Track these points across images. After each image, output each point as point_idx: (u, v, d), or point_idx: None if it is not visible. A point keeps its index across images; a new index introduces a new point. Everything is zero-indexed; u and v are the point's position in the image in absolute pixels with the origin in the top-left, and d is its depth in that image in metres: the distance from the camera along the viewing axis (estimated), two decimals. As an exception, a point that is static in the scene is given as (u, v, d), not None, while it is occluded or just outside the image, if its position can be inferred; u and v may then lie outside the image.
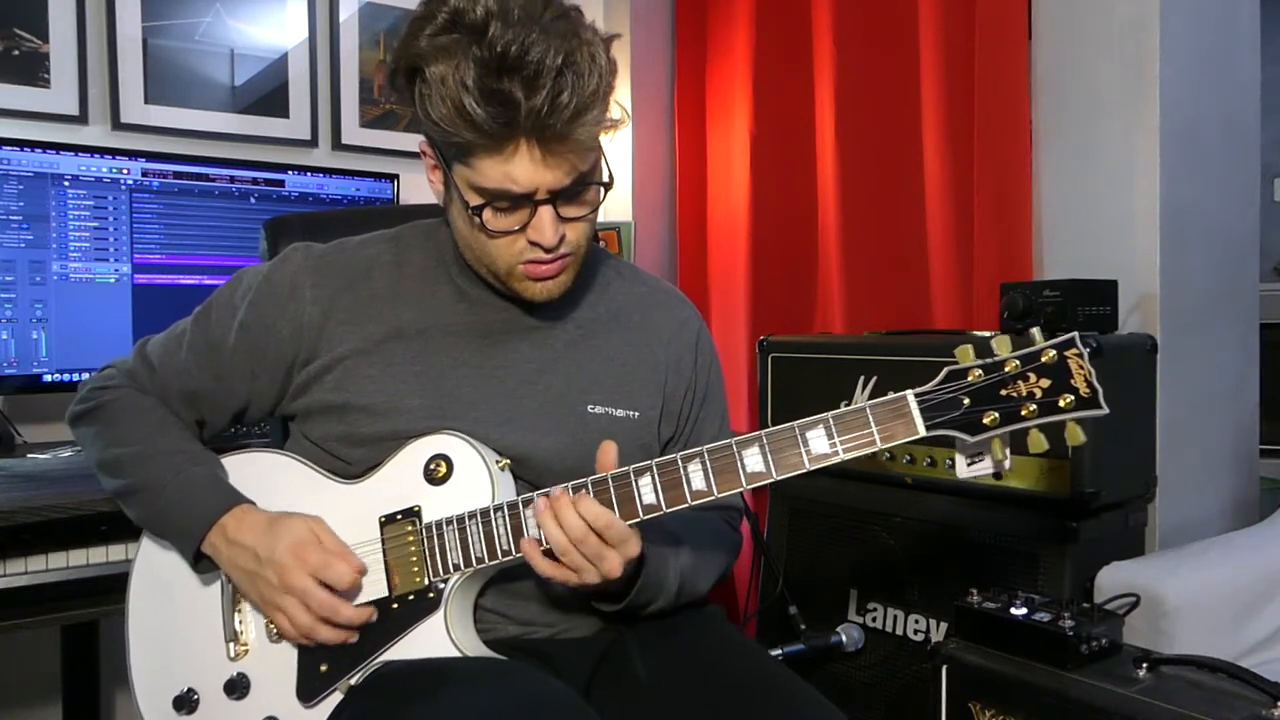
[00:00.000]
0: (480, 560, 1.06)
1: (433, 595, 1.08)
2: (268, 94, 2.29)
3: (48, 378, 1.83)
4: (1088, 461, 1.49)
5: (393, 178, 2.23)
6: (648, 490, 1.01)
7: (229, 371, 1.18)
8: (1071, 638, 1.27)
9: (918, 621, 1.71)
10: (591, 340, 1.21)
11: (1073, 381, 0.94)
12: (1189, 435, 1.78)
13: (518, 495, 1.08)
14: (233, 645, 1.14)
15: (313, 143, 2.34)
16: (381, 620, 1.08)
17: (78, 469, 1.59)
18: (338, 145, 2.38)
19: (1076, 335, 0.96)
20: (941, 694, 1.37)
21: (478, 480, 1.08)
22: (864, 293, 2.24)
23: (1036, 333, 0.96)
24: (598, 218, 1.13)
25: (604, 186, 1.09)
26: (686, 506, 1.01)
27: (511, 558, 1.05)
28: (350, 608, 1.07)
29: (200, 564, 1.14)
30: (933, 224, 2.07)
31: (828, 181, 2.27)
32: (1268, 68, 2.05)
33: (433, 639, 1.07)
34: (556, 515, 1.01)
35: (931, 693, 1.39)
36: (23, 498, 1.38)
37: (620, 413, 1.18)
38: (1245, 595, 1.53)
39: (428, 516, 1.09)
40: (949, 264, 2.04)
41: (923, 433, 0.97)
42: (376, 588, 1.09)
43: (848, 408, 0.98)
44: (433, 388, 1.14)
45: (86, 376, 1.30)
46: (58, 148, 1.84)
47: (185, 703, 1.14)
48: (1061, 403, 0.94)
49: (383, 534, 1.10)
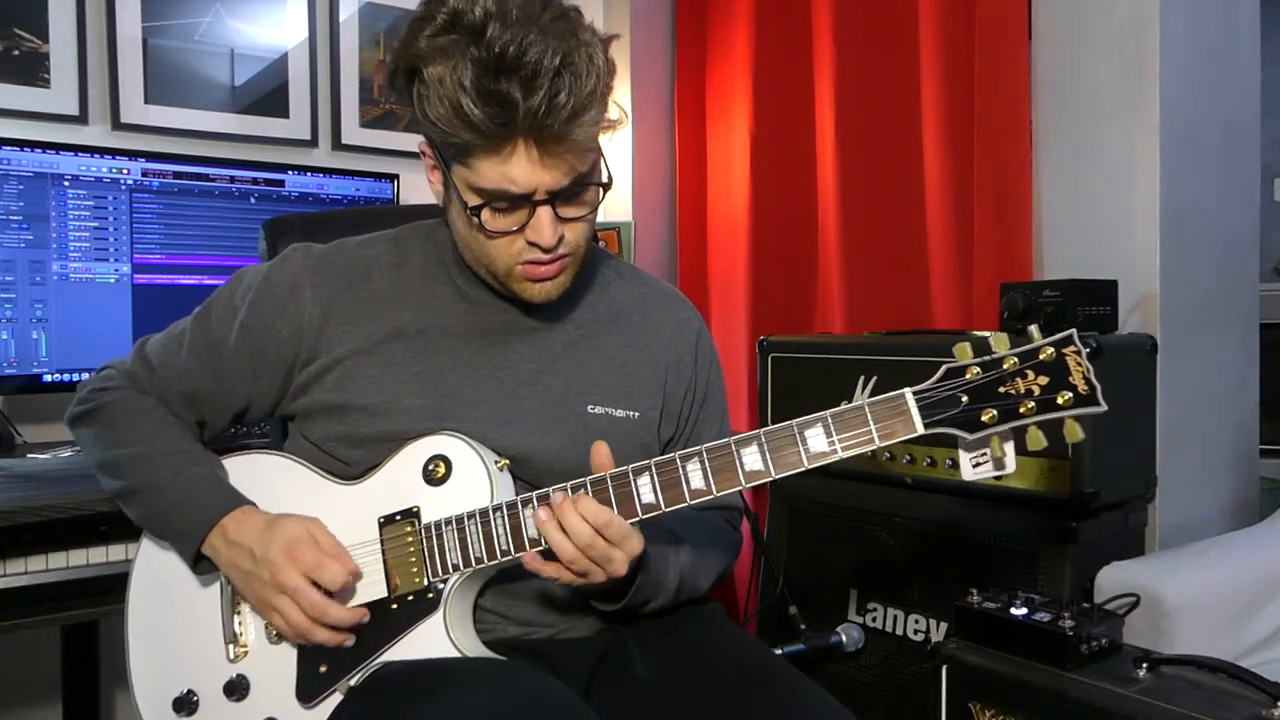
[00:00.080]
0: (479, 560, 1.06)
1: (432, 596, 1.08)
2: (268, 94, 2.29)
3: (48, 378, 1.83)
4: (1088, 461, 1.49)
5: (393, 178, 2.23)
6: (646, 490, 1.01)
7: (229, 372, 1.18)
8: (1071, 638, 1.27)
9: (918, 621, 1.70)
10: (591, 341, 1.21)
11: (1071, 379, 0.94)
12: (1189, 435, 1.78)
13: (517, 495, 1.07)
14: (232, 647, 1.14)
15: (313, 143, 2.34)
16: (381, 621, 1.08)
17: (78, 469, 1.58)
18: (338, 145, 2.38)
19: (1074, 333, 0.95)
20: (941, 694, 1.37)
21: (476, 481, 1.08)
22: (864, 293, 2.23)
23: (1034, 330, 0.96)
24: (597, 218, 1.13)
25: (603, 187, 1.09)
26: (685, 506, 1.01)
27: (511, 558, 1.05)
28: (340, 608, 1.06)
29: (200, 565, 1.14)
30: (933, 224, 2.07)
31: (828, 181, 2.27)
32: (1268, 68, 2.04)
33: (432, 639, 1.07)
34: (561, 523, 1.00)
35: (931, 693, 1.38)
36: (23, 498, 1.38)
37: (620, 413, 1.18)
38: (1245, 595, 1.53)
39: (427, 517, 1.09)
40: (949, 264, 2.04)
41: (921, 430, 0.96)
42: (375, 588, 1.09)
43: (846, 406, 0.98)
44: (432, 388, 1.14)
45: (86, 376, 1.29)
46: (58, 148, 1.84)
47: (185, 704, 1.14)
48: (1060, 400, 0.94)
49: (382, 535, 1.10)
